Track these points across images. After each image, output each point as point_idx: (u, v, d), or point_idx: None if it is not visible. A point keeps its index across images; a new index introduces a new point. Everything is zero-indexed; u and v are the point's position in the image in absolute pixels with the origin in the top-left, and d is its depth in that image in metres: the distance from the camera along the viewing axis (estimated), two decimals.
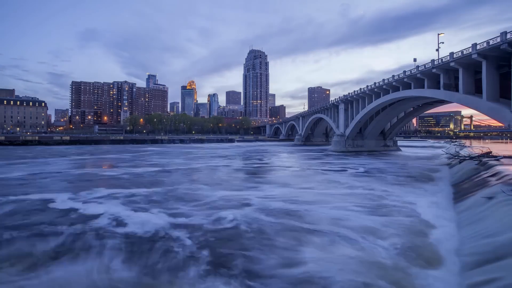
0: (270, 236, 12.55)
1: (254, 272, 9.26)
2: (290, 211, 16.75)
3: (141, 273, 9.32)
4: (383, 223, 14.21)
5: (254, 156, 62.21)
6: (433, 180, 28.87)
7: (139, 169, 37.02)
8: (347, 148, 75.73)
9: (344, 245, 11.48)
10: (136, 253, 10.73)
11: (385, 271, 9.24)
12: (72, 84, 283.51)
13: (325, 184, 26.99)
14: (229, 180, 29.19)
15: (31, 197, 19.92)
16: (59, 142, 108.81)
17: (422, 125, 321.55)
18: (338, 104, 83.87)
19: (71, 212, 16.24)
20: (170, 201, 19.15)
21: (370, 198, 20.34)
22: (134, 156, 59.04)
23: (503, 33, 33.81)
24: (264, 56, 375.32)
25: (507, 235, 9.44)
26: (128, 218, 15.01)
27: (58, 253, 10.72)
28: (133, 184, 25.78)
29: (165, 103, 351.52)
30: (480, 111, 40.27)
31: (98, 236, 12.40)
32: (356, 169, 38.63)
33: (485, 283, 7.55)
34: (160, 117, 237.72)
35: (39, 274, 9.13)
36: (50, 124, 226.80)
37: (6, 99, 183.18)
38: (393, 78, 57.16)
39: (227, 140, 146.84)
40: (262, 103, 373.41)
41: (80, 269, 9.50)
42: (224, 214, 15.65)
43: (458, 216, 14.89)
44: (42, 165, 41.51)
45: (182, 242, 11.79)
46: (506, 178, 17.15)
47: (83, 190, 22.30)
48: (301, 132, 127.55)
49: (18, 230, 13.08)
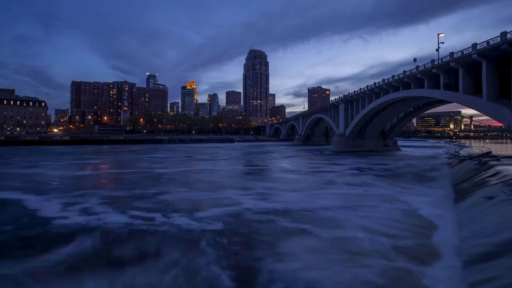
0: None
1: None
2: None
3: None
4: (384, 223, 14.26)
5: (256, 157, 62.20)
6: (434, 180, 28.90)
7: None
8: (347, 148, 75.82)
9: (347, 243, 11.52)
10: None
11: (386, 268, 9.36)
12: (72, 84, 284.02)
13: (320, 184, 27.03)
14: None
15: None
16: (59, 142, 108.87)
17: (422, 125, 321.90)
18: (338, 104, 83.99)
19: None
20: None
21: (371, 198, 20.37)
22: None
23: (503, 33, 33.89)
24: (264, 56, 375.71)
25: (507, 234, 9.53)
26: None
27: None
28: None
29: (165, 103, 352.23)
30: (480, 111, 40.36)
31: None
32: (357, 169, 38.66)
33: (485, 282, 7.63)
34: (160, 117, 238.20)
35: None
36: (50, 124, 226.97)
37: (6, 99, 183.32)
38: (393, 78, 57.24)
39: (227, 140, 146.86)
40: (262, 103, 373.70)
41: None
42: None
43: (458, 215, 14.94)
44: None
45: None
46: (506, 178, 17.17)
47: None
48: (301, 132, 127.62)
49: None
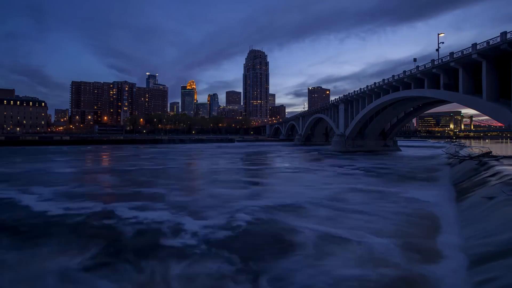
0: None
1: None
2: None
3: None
4: (386, 222, 14.31)
5: (256, 157, 62.21)
6: (434, 179, 28.92)
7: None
8: (347, 148, 75.80)
9: (347, 243, 11.57)
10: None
11: (388, 267, 9.45)
12: (72, 84, 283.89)
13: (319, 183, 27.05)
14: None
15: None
16: (59, 142, 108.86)
17: (422, 125, 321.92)
18: (338, 104, 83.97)
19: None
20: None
21: (373, 197, 20.43)
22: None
23: (503, 33, 33.88)
24: (264, 56, 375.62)
25: (507, 234, 9.55)
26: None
27: None
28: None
29: (165, 103, 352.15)
30: (480, 111, 40.36)
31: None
32: (358, 169, 38.67)
33: (486, 282, 7.65)
34: (160, 117, 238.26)
35: None
36: (50, 124, 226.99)
37: (6, 99, 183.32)
38: (393, 78, 57.23)
39: (227, 140, 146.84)
40: (262, 103, 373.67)
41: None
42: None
43: (460, 215, 14.97)
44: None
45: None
46: (506, 178, 17.19)
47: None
48: (301, 132, 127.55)
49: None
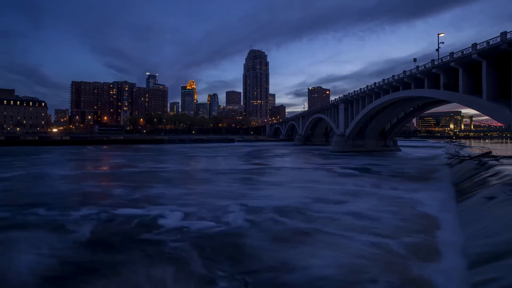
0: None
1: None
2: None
3: None
4: (388, 221, 14.35)
5: (257, 158, 62.20)
6: (434, 179, 28.94)
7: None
8: (347, 148, 75.75)
9: (348, 243, 11.61)
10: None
11: (389, 266, 9.51)
12: (72, 84, 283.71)
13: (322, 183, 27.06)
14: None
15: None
16: (59, 142, 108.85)
17: (422, 125, 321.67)
18: (338, 104, 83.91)
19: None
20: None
21: (373, 198, 20.46)
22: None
23: (503, 33, 33.82)
24: (264, 56, 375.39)
25: (507, 235, 9.53)
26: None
27: None
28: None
29: (165, 103, 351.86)
30: (480, 111, 40.32)
31: None
32: (358, 169, 38.67)
33: (486, 282, 7.63)
34: (160, 117, 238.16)
35: None
36: (50, 124, 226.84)
37: (6, 99, 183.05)
38: (393, 78, 57.18)
39: (227, 140, 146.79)
40: (262, 103, 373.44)
41: None
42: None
43: (460, 215, 14.97)
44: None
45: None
46: (506, 178, 17.20)
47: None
48: (301, 132, 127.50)
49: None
